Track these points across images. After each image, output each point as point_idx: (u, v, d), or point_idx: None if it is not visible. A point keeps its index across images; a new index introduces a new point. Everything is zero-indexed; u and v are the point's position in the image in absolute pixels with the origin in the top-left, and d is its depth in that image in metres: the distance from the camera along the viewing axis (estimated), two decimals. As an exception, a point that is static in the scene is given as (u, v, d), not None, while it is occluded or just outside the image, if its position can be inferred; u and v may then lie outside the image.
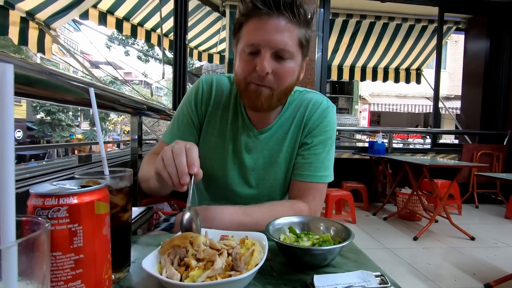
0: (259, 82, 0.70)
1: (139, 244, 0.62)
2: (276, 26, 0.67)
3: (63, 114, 17.15)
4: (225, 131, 0.84)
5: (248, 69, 0.70)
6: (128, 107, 1.28)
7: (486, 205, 3.99)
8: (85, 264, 0.31)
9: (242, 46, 0.71)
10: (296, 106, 0.85)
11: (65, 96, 0.65)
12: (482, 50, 4.51)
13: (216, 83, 0.86)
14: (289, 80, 0.73)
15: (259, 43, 0.68)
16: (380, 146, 3.80)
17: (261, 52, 0.68)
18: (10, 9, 2.71)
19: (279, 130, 0.84)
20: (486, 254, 2.39)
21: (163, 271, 0.43)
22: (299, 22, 0.70)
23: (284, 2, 0.67)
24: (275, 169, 0.84)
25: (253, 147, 0.84)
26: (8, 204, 0.18)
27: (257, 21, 0.68)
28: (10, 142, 0.17)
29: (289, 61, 0.71)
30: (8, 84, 0.17)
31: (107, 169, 0.51)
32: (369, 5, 4.44)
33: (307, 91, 0.87)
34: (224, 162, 0.84)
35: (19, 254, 0.19)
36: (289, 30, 0.68)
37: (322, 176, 0.81)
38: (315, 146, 0.82)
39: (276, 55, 0.69)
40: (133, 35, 4.31)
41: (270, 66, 0.68)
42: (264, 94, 0.71)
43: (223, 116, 0.84)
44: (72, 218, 0.30)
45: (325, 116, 0.83)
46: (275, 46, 0.68)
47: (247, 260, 0.44)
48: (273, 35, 0.67)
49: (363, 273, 0.48)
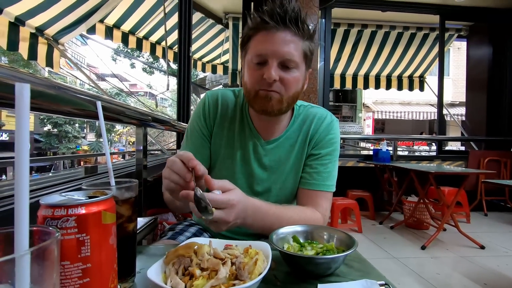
0: (268, 88, 0.75)
1: (144, 254, 0.63)
2: (282, 38, 0.73)
3: (70, 126, 17.40)
4: (232, 142, 0.87)
5: (257, 77, 0.75)
6: (133, 118, 1.31)
7: (495, 212, 3.91)
8: (92, 273, 0.32)
9: (250, 57, 0.77)
10: (302, 120, 0.89)
11: (73, 109, 0.67)
12: (485, 57, 4.51)
13: (222, 96, 0.90)
14: (295, 88, 0.77)
15: (267, 54, 0.73)
16: (385, 154, 3.77)
17: (268, 62, 0.74)
18: (21, 25, 2.81)
19: (286, 142, 0.87)
20: (496, 263, 2.34)
21: (168, 281, 0.43)
22: (303, 35, 0.75)
23: (290, 17, 0.72)
24: (281, 179, 0.87)
25: (261, 157, 0.87)
26: (23, 214, 0.19)
27: (265, 34, 0.74)
28: (25, 157, 0.19)
29: (294, 70, 0.76)
30: (25, 103, 0.18)
31: (113, 179, 0.52)
32: (370, 15, 4.49)
33: (312, 106, 0.92)
34: (233, 172, 0.87)
35: (31, 262, 0.20)
36: (294, 42, 0.74)
37: (330, 186, 0.85)
38: (323, 157, 0.86)
39: (282, 65, 0.74)
40: (138, 48, 4.41)
41: (277, 74, 0.73)
42: (274, 98, 0.76)
43: (230, 128, 0.88)
44: (80, 228, 0.31)
45: (330, 129, 0.88)
46: (282, 56, 0.73)
47: (250, 269, 0.44)
48: (279, 46, 0.73)
49: (367, 282, 0.48)
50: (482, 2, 4.18)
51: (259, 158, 0.86)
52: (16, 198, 0.19)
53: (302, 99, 0.92)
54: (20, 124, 0.18)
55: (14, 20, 2.73)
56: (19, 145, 0.18)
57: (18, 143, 0.18)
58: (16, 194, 0.19)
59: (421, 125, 15.62)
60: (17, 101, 0.18)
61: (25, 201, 0.19)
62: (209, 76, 9.70)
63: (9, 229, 0.22)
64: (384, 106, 14.06)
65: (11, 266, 0.20)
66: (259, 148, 0.86)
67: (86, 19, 3.19)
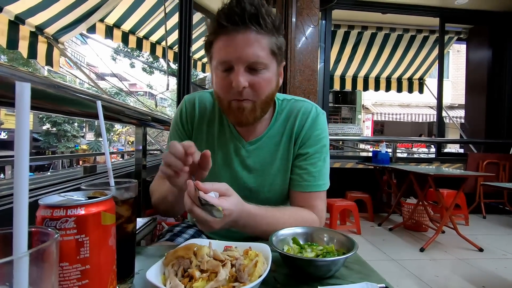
0: (239, 97, 0.70)
1: (142, 255, 0.62)
2: (245, 40, 0.67)
3: (69, 125, 17.37)
4: (212, 145, 0.84)
5: (226, 86, 0.71)
6: (133, 118, 1.31)
7: (494, 215, 3.91)
8: (91, 275, 0.31)
9: (215, 64, 0.72)
10: (286, 116, 0.84)
11: (73, 108, 0.67)
12: (485, 59, 4.52)
13: (199, 100, 0.87)
14: (268, 90, 0.73)
15: (231, 60, 0.68)
16: (384, 155, 3.78)
17: (234, 69, 0.68)
18: (21, 24, 2.80)
19: (270, 141, 0.83)
20: (495, 266, 2.34)
21: (167, 282, 0.43)
22: (267, 31, 0.69)
23: (250, 15, 0.66)
24: (269, 181, 0.83)
25: (244, 159, 0.83)
26: (22, 215, 0.19)
27: (225, 38, 0.68)
28: (25, 156, 0.18)
29: (263, 71, 0.70)
30: (25, 102, 0.18)
31: (113, 180, 0.52)
32: (370, 17, 4.50)
33: (296, 99, 0.86)
34: (216, 176, 0.83)
35: (30, 264, 0.20)
36: (258, 42, 0.68)
37: (322, 185, 0.82)
38: (312, 156, 0.81)
39: (250, 68, 0.69)
40: (138, 47, 4.40)
41: (245, 80, 0.68)
42: (246, 109, 0.71)
43: (209, 132, 0.85)
44: (79, 229, 0.31)
45: (316, 124, 0.82)
46: (247, 60, 0.68)
47: (250, 271, 0.44)
48: (243, 49, 0.67)
49: (367, 285, 0.47)
50: (482, 5, 4.19)
51: (242, 160, 0.83)
52: (15, 199, 0.18)
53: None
54: (20, 123, 0.18)
55: (14, 19, 2.72)
56: (19, 144, 0.18)
57: (18, 142, 0.18)
58: (15, 194, 0.18)
59: (420, 127, 15.65)
60: (17, 100, 0.18)
61: (24, 202, 0.19)
62: (209, 77, 9.69)
63: (7, 230, 0.22)
64: (384, 108, 14.08)
65: (9, 268, 0.20)
66: (241, 150, 0.82)
67: (86, 18, 3.19)
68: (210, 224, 0.57)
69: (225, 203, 0.57)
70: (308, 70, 2.92)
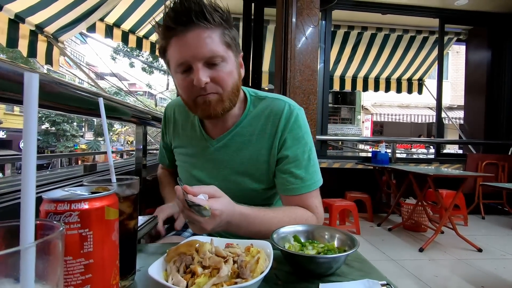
0: (203, 93, 0.71)
1: (143, 252, 0.62)
2: (196, 37, 0.67)
3: (68, 125, 17.34)
4: (187, 148, 0.89)
5: (188, 86, 0.71)
6: (133, 116, 1.30)
7: (493, 215, 3.92)
8: (95, 269, 0.31)
9: (173, 67, 0.72)
10: (257, 115, 0.81)
11: (75, 106, 0.67)
12: (484, 61, 4.53)
13: (176, 106, 0.93)
14: (231, 81, 0.73)
15: (187, 60, 0.68)
16: (384, 156, 3.78)
17: (192, 67, 0.69)
18: (21, 22, 2.80)
19: (238, 138, 0.81)
20: (494, 266, 2.34)
21: (169, 278, 0.43)
22: (217, 25, 0.69)
23: (196, 13, 0.66)
24: (238, 181, 0.82)
25: (213, 158, 0.83)
26: (29, 206, 0.19)
27: (177, 40, 0.68)
28: (33, 146, 0.18)
29: (222, 64, 0.70)
30: (33, 93, 0.18)
31: (115, 176, 0.52)
32: (370, 17, 4.51)
33: (268, 97, 0.84)
34: (192, 176, 0.88)
35: (36, 256, 0.20)
36: (210, 37, 0.68)
37: (311, 185, 0.79)
38: (294, 157, 0.79)
39: (208, 64, 0.69)
40: (138, 47, 4.40)
41: (206, 76, 0.69)
42: (213, 101, 0.72)
43: (183, 134, 0.91)
44: (83, 223, 0.31)
45: (292, 123, 0.79)
46: (203, 56, 0.68)
47: (252, 267, 0.44)
48: (197, 47, 0.67)
49: (369, 282, 0.47)
50: (482, 6, 4.21)
51: (210, 159, 0.84)
52: (22, 190, 0.18)
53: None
54: (28, 114, 0.18)
55: (14, 17, 2.72)
56: (27, 136, 0.18)
57: (26, 134, 0.18)
58: (22, 185, 0.18)
59: (419, 128, 15.68)
60: (25, 91, 0.18)
61: (31, 193, 0.19)
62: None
63: (13, 223, 0.22)
64: (383, 108, 14.10)
65: (16, 260, 0.20)
66: (209, 148, 0.83)
67: (86, 17, 3.19)
68: (201, 225, 0.58)
69: (214, 203, 0.58)
70: (308, 70, 2.93)
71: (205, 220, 0.57)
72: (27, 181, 0.19)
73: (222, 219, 0.60)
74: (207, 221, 0.57)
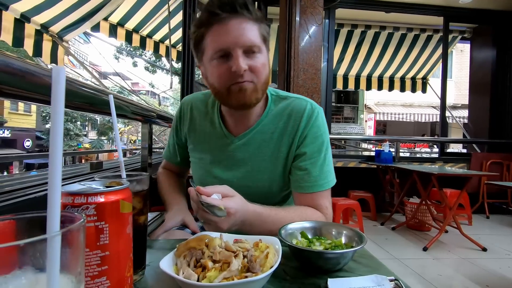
0: (240, 80, 0.71)
1: (152, 248, 0.63)
2: (239, 26, 0.70)
3: (72, 124, 17.44)
4: (204, 144, 0.88)
5: (225, 73, 0.71)
6: (138, 114, 1.31)
7: (498, 215, 3.90)
8: (110, 261, 0.32)
9: (210, 54, 0.73)
10: (278, 113, 0.83)
11: (84, 103, 0.68)
12: (489, 59, 4.50)
13: (193, 101, 0.92)
14: (265, 73, 0.75)
15: (228, 46, 0.70)
16: (387, 155, 3.77)
17: (232, 54, 0.70)
18: (26, 22, 2.82)
19: (259, 136, 0.82)
20: (499, 266, 2.33)
21: (180, 272, 0.44)
22: (257, 18, 0.73)
23: (240, 3, 0.69)
24: (257, 177, 0.83)
25: (232, 154, 0.84)
26: (55, 197, 0.19)
27: (219, 26, 0.70)
28: (59, 137, 0.19)
29: (259, 55, 0.73)
30: (61, 86, 0.18)
31: (124, 172, 0.52)
32: (374, 16, 4.49)
33: (289, 96, 0.85)
34: (209, 172, 0.87)
35: (61, 245, 0.21)
36: (250, 27, 0.71)
37: (324, 184, 0.80)
38: (310, 155, 0.80)
39: (246, 52, 0.71)
40: (142, 46, 4.42)
41: (245, 63, 0.70)
42: (248, 89, 0.72)
43: (201, 130, 0.89)
44: (99, 216, 0.32)
45: (312, 122, 0.81)
46: (244, 43, 0.70)
47: (262, 262, 0.44)
48: (239, 34, 0.70)
49: (377, 277, 0.48)
50: (486, 4, 4.17)
51: (230, 155, 0.84)
52: (49, 182, 0.19)
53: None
54: (55, 107, 0.19)
55: (20, 17, 2.75)
56: (55, 128, 0.19)
57: (54, 126, 0.19)
58: (50, 178, 0.19)
59: (422, 127, 15.60)
60: (53, 84, 0.18)
61: (57, 185, 0.20)
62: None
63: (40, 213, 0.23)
64: (386, 107, 14.05)
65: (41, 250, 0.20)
66: (230, 145, 0.83)
67: (91, 16, 3.21)
68: (217, 225, 0.59)
69: (228, 202, 0.59)
70: (311, 69, 2.92)
71: (221, 220, 0.58)
72: (54, 174, 0.19)
73: (237, 218, 0.61)
74: (222, 221, 0.58)
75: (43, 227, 0.22)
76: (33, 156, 13.15)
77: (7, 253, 0.20)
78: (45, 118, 17.01)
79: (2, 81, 0.42)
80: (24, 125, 17.02)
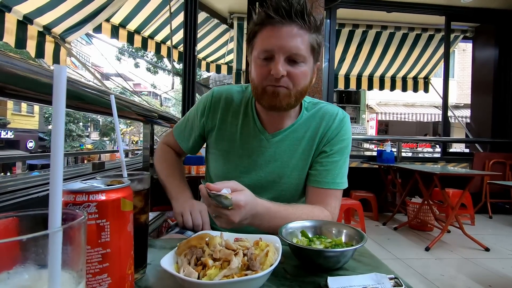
0: (276, 84, 0.74)
1: (153, 247, 0.63)
2: (288, 32, 0.72)
3: (74, 125, 17.53)
4: (235, 136, 0.88)
5: (264, 74, 0.75)
6: (140, 115, 1.32)
7: (500, 215, 3.88)
8: (112, 259, 0.33)
9: (257, 52, 0.76)
10: (311, 116, 0.88)
11: (86, 104, 0.68)
12: (491, 58, 4.48)
13: (226, 92, 0.91)
14: (303, 82, 0.77)
15: (273, 49, 0.73)
16: (389, 155, 3.76)
17: (275, 57, 0.73)
18: (29, 24, 2.84)
19: (293, 135, 0.86)
20: (501, 266, 2.32)
21: (181, 270, 0.44)
22: (310, 28, 0.74)
23: (296, 10, 0.72)
24: (286, 174, 0.86)
25: (265, 150, 0.86)
26: (56, 194, 0.20)
27: (270, 29, 0.73)
28: (61, 135, 0.19)
29: (302, 64, 0.75)
30: (62, 84, 0.19)
31: (126, 171, 0.53)
32: (375, 15, 4.48)
33: (321, 102, 0.91)
34: (236, 165, 0.87)
35: (62, 242, 0.21)
36: (300, 36, 0.73)
37: (340, 183, 0.84)
38: (333, 154, 0.84)
39: (289, 59, 0.74)
40: (143, 47, 4.44)
41: (284, 69, 0.73)
42: (281, 93, 0.75)
43: (232, 122, 0.89)
44: (100, 214, 0.32)
45: (342, 126, 0.86)
46: (289, 51, 0.72)
47: (262, 260, 0.45)
48: (286, 41, 0.72)
49: (377, 276, 0.48)
50: (489, 3, 4.16)
51: (263, 151, 0.86)
52: (51, 179, 0.19)
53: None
54: (57, 106, 0.19)
55: (23, 19, 2.77)
56: (56, 127, 0.19)
57: (55, 124, 0.19)
58: (51, 176, 0.19)
59: (425, 127, 15.53)
60: (55, 82, 0.19)
61: (58, 182, 0.20)
62: (213, 76, 9.72)
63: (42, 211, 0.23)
64: (388, 107, 14.00)
65: (43, 246, 0.21)
66: (263, 141, 0.86)
67: (93, 18, 3.23)
68: (228, 218, 0.60)
69: (238, 195, 0.60)
70: (312, 69, 2.92)
71: (231, 213, 0.59)
72: (55, 172, 0.19)
73: (247, 211, 0.62)
74: (233, 213, 0.59)
75: (45, 224, 0.22)
76: (35, 157, 13.24)
77: (10, 249, 0.20)
78: (47, 119, 17.11)
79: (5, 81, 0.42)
80: (27, 126, 17.13)
